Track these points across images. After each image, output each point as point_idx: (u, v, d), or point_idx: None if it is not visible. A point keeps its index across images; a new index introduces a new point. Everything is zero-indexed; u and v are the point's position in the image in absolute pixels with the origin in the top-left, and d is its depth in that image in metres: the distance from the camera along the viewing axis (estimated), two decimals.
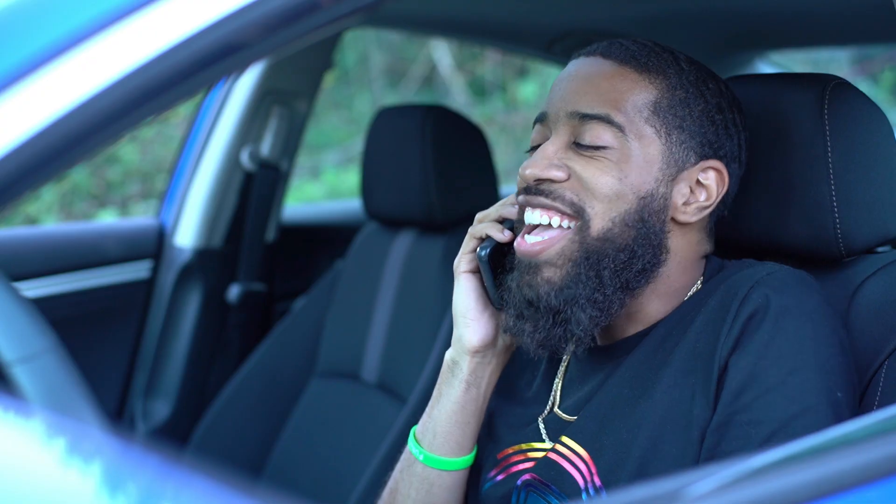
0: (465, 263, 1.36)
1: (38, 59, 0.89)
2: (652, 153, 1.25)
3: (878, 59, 5.87)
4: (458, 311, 1.36)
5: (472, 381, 1.36)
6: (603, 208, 1.23)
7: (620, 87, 1.26)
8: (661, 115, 1.26)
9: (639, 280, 1.26)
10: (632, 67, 1.27)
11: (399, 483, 1.40)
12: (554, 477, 1.28)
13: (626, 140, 1.24)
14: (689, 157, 1.27)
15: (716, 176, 1.28)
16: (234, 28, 0.93)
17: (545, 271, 1.25)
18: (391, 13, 2.51)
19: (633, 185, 1.24)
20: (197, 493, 0.81)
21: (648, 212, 1.24)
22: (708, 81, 1.30)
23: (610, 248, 1.24)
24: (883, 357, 1.27)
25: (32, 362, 0.92)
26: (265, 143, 2.61)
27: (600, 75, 1.27)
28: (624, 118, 1.25)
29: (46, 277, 2.34)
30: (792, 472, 0.91)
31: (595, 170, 1.24)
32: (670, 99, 1.27)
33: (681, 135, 1.27)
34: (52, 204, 5.32)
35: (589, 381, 1.33)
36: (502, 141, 6.40)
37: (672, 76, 1.28)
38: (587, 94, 1.27)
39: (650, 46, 1.30)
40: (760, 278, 1.22)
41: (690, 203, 1.28)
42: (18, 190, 0.89)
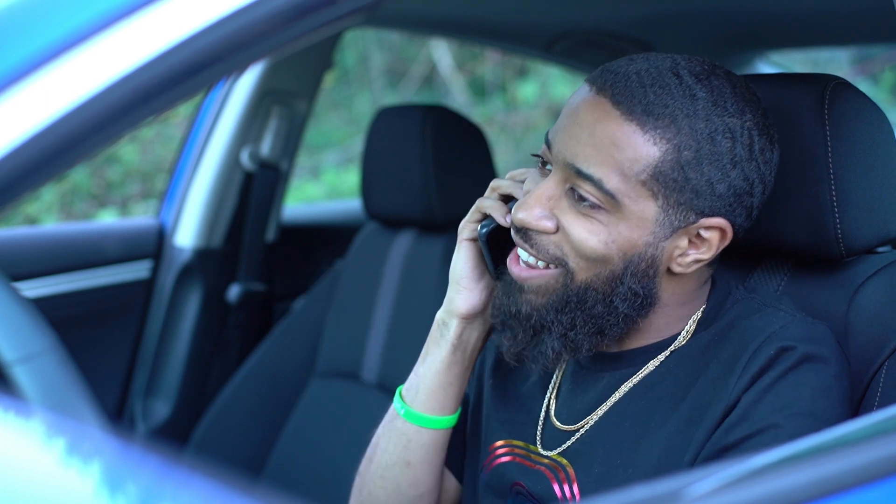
0: (468, 232, 1.36)
1: (38, 59, 0.89)
2: (646, 216, 1.20)
3: (878, 59, 5.87)
4: (454, 276, 1.37)
5: (458, 345, 1.37)
6: (586, 265, 1.22)
7: (620, 145, 1.18)
8: (660, 179, 1.18)
9: (614, 329, 1.25)
10: (637, 123, 1.18)
11: (380, 438, 1.42)
12: (541, 493, 1.31)
13: (617, 203, 1.19)
14: (687, 216, 1.21)
15: (717, 232, 1.23)
16: (234, 28, 0.93)
17: (528, 294, 1.26)
18: (391, 13, 2.51)
19: (620, 248, 1.21)
20: (197, 493, 0.81)
21: (632, 273, 1.22)
22: (727, 129, 1.19)
23: (589, 298, 1.23)
24: (883, 357, 1.27)
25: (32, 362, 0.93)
26: (265, 143, 2.61)
27: (602, 126, 1.19)
28: (618, 182, 1.18)
29: (46, 277, 2.34)
30: (792, 472, 0.91)
31: (582, 230, 1.21)
32: (675, 161, 1.18)
33: (681, 196, 1.19)
34: (52, 204, 5.32)
35: (589, 389, 1.33)
36: (502, 141, 6.40)
37: (683, 133, 1.18)
38: (586, 145, 1.20)
39: (668, 88, 1.19)
40: (773, 332, 1.21)
41: (688, 255, 1.24)
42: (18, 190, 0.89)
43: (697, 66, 1.22)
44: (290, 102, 2.61)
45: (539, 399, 1.38)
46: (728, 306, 1.29)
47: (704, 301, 1.30)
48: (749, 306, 1.28)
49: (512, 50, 3.42)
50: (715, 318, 1.28)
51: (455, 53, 6.71)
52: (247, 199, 2.61)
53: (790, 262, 1.41)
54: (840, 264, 1.36)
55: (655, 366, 1.28)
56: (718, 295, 1.30)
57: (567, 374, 1.37)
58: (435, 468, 1.41)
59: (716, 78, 1.21)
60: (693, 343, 1.28)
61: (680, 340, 1.28)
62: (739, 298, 1.30)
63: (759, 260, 1.43)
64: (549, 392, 1.37)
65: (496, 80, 6.74)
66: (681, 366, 1.27)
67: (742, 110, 1.21)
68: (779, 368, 1.18)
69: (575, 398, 1.34)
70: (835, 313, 1.32)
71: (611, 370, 1.31)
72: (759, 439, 1.16)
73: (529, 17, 2.56)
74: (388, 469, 1.40)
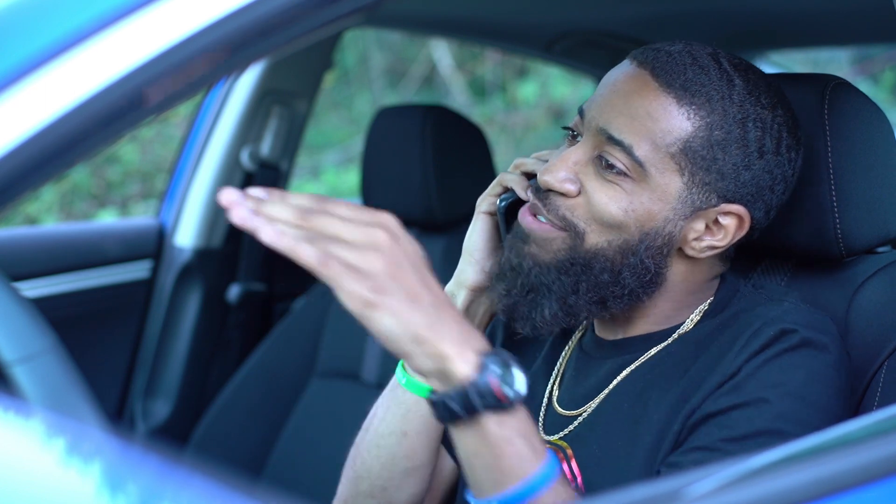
0: (487, 205, 1.37)
1: (37, 59, 0.89)
2: (669, 190, 1.21)
3: (878, 59, 5.86)
4: (468, 248, 1.37)
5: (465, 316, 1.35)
6: (601, 230, 1.22)
7: (655, 116, 1.20)
8: (689, 154, 1.20)
9: (618, 302, 1.25)
10: (674, 96, 1.20)
11: (379, 407, 1.40)
12: None
13: (644, 172, 1.20)
14: (709, 198, 1.22)
15: (736, 220, 1.24)
16: (233, 28, 0.93)
17: (533, 246, 1.26)
18: (391, 13, 2.51)
19: (639, 218, 1.21)
20: (197, 493, 0.81)
21: (647, 246, 1.23)
22: (758, 119, 1.22)
23: (597, 264, 1.23)
24: (883, 357, 1.27)
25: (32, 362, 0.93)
26: (265, 143, 2.60)
27: (640, 96, 1.22)
28: (648, 151, 1.20)
29: (46, 277, 2.34)
30: (792, 472, 0.91)
31: (605, 195, 1.22)
32: (705, 139, 1.20)
33: (706, 176, 1.21)
34: (52, 204, 5.32)
35: (591, 375, 1.33)
36: (502, 141, 6.40)
37: (716, 112, 1.20)
38: (620, 114, 1.22)
39: (707, 70, 1.22)
40: (776, 315, 1.22)
41: (703, 240, 1.25)
42: (18, 190, 0.89)
43: (736, 59, 1.25)
44: (290, 102, 2.61)
45: (542, 385, 1.38)
46: (735, 301, 1.29)
47: (712, 294, 1.30)
48: (755, 299, 1.29)
49: (512, 50, 3.42)
50: (721, 311, 1.29)
51: (455, 53, 6.71)
52: None
53: (790, 261, 1.41)
54: (840, 264, 1.36)
55: (657, 350, 1.29)
56: (727, 290, 1.31)
57: (570, 361, 1.37)
58: (432, 441, 1.38)
59: (752, 72, 1.25)
60: (696, 330, 1.28)
61: (683, 329, 1.29)
62: (746, 294, 1.30)
63: (760, 260, 1.43)
64: (553, 378, 1.37)
65: (496, 80, 6.74)
66: (683, 350, 1.27)
67: (775, 105, 1.24)
68: (777, 347, 1.19)
69: (577, 384, 1.34)
70: (835, 313, 1.32)
71: (614, 356, 1.31)
72: (745, 411, 1.16)
73: (529, 17, 2.56)
74: (384, 438, 1.38)
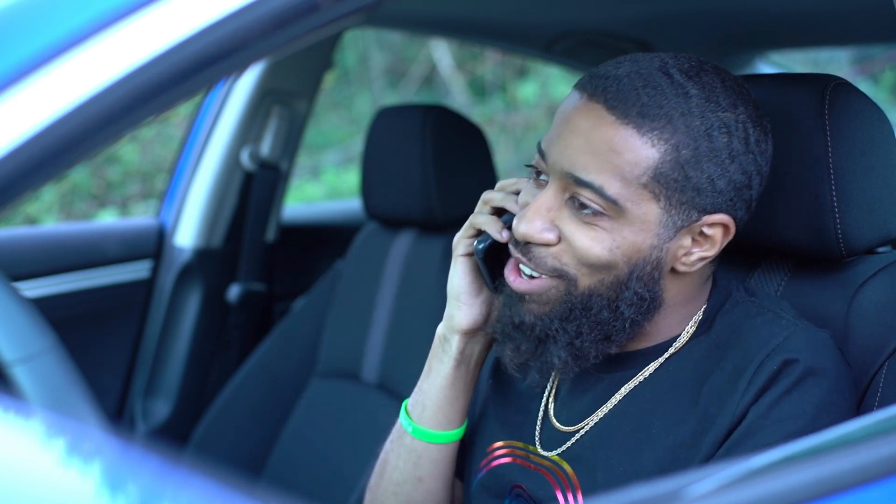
0: (463, 247, 1.35)
1: (38, 59, 0.89)
2: (649, 218, 1.19)
3: (878, 59, 5.86)
4: (452, 293, 1.36)
5: (461, 360, 1.36)
6: (590, 272, 1.21)
7: (618, 150, 1.17)
8: (661, 180, 1.18)
9: (621, 335, 1.25)
10: (634, 127, 1.17)
11: (389, 454, 1.41)
12: (542, 497, 1.30)
13: (620, 209, 1.18)
14: (690, 215, 1.20)
15: (721, 229, 1.23)
16: (234, 28, 0.93)
17: (529, 304, 1.25)
18: (391, 13, 2.51)
19: (624, 253, 1.20)
20: (197, 493, 0.81)
21: (638, 276, 1.21)
22: (722, 124, 1.19)
23: (594, 304, 1.22)
24: (883, 357, 1.27)
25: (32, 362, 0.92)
26: (265, 143, 2.61)
27: (599, 133, 1.18)
28: (619, 187, 1.17)
29: (46, 277, 2.34)
30: (792, 472, 0.91)
31: (585, 238, 1.20)
32: (674, 161, 1.18)
33: (682, 196, 1.19)
34: (52, 204, 5.32)
35: (588, 391, 1.32)
36: (502, 141, 6.40)
37: (679, 132, 1.18)
38: (583, 153, 1.19)
39: (660, 89, 1.18)
40: (779, 343, 1.21)
41: (692, 254, 1.24)
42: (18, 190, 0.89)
43: (686, 64, 1.21)
44: (290, 102, 2.61)
45: (538, 399, 1.38)
46: (728, 308, 1.29)
47: (705, 300, 1.30)
48: (749, 310, 1.28)
49: (512, 50, 3.42)
50: (714, 319, 1.28)
51: (455, 53, 6.71)
52: (247, 199, 2.61)
53: (790, 262, 1.41)
54: (840, 264, 1.36)
55: (655, 368, 1.28)
56: (719, 295, 1.30)
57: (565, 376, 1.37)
58: (446, 480, 1.40)
59: (705, 74, 1.21)
60: (693, 346, 1.28)
61: (679, 342, 1.28)
62: (740, 301, 1.29)
63: (760, 260, 1.42)
64: (548, 393, 1.37)
65: (496, 80, 6.74)
66: (682, 370, 1.27)
67: (735, 104, 1.21)
68: (783, 384, 1.18)
69: (574, 399, 1.33)
70: (835, 314, 1.32)
71: (611, 372, 1.31)
72: None
73: (529, 17, 2.56)
74: (400, 486, 1.39)
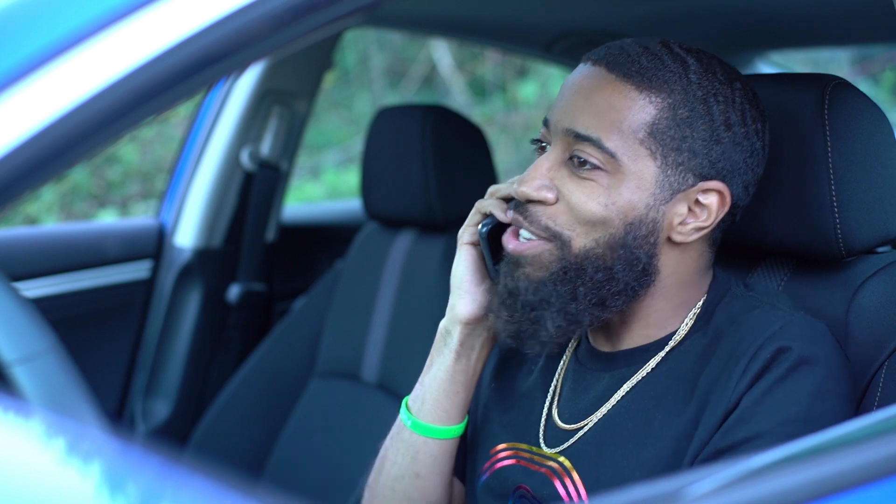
0: (468, 235, 1.37)
1: (38, 59, 0.89)
2: (645, 176, 1.22)
3: (878, 59, 5.86)
4: (455, 282, 1.36)
5: (462, 352, 1.36)
6: (586, 230, 1.23)
7: (617, 106, 1.22)
8: (658, 136, 1.22)
9: (617, 300, 1.25)
10: (633, 84, 1.22)
11: (388, 450, 1.41)
12: (546, 497, 1.30)
13: (617, 163, 1.21)
14: (686, 178, 1.23)
15: (717, 197, 1.25)
16: (233, 28, 0.93)
17: (526, 267, 1.26)
18: (391, 13, 2.51)
19: (620, 210, 1.22)
20: (197, 493, 0.81)
21: (634, 236, 1.23)
22: (719, 94, 1.24)
23: (589, 266, 1.24)
24: (883, 357, 1.27)
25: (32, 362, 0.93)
26: (265, 143, 2.61)
27: (599, 91, 1.24)
28: (617, 141, 1.21)
29: (46, 277, 2.34)
30: (792, 472, 0.91)
31: (582, 194, 1.22)
32: (670, 119, 1.22)
33: (678, 156, 1.23)
34: (52, 204, 5.32)
35: (590, 389, 1.32)
36: (502, 141, 6.40)
37: (676, 93, 1.23)
38: (584, 111, 1.23)
39: (660, 56, 1.24)
40: (774, 332, 1.21)
41: (687, 223, 1.25)
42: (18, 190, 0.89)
43: (687, 45, 1.28)
44: (290, 102, 2.61)
45: (541, 400, 1.38)
46: (727, 301, 1.29)
47: (704, 292, 1.30)
48: (747, 303, 1.28)
49: (512, 50, 3.42)
50: (713, 313, 1.29)
51: (455, 53, 6.71)
52: (247, 199, 2.61)
53: (790, 261, 1.41)
54: (840, 264, 1.36)
55: (656, 363, 1.28)
56: (718, 289, 1.31)
57: (568, 374, 1.37)
58: (444, 477, 1.40)
59: (704, 54, 1.27)
60: (691, 340, 1.28)
61: (679, 335, 1.29)
62: (738, 294, 1.30)
63: (760, 260, 1.43)
64: (551, 392, 1.37)
65: (496, 80, 6.74)
66: (681, 364, 1.27)
67: (732, 80, 1.27)
68: (777, 371, 1.19)
69: (577, 397, 1.33)
70: (835, 313, 1.32)
71: (612, 370, 1.31)
72: (756, 443, 1.17)
73: (529, 17, 2.56)
74: (398, 481, 1.39)
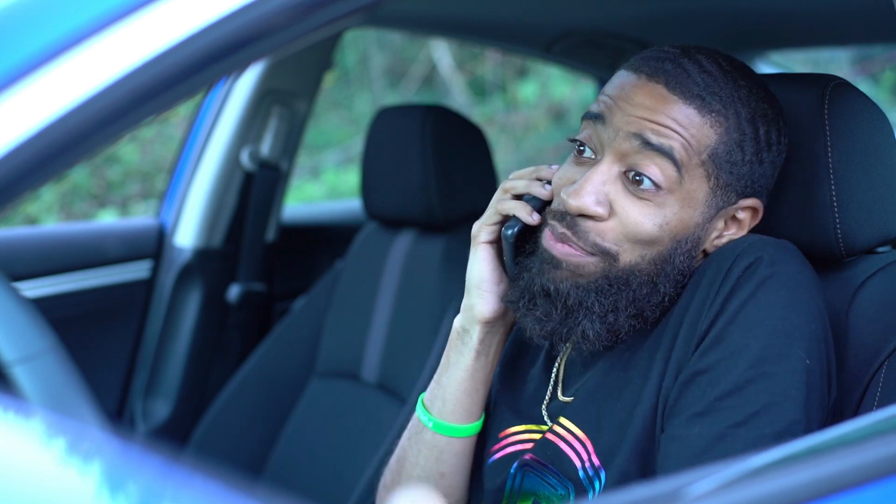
0: (486, 234, 1.35)
1: (38, 59, 0.89)
2: (697, 196, 1.24)
3: (878, 59, 5.86)
4: (473, 281, 1.35)
5: (481, 350, 1.36)
6: (634, 247, 1.23)
7: (684, 124, 1.22)
8: (716, 160, 1.23)
9: (654, 311, 1.26)
10: (695, 106, 1.23)
11: (407, 451, 1.40)
12: (551, 457, 1.29)
13: (679, 182, 1.22)
14: (730, 197, 1.26)
15: (751, 213, 1.29)
16: (233, 28, 0.93)
17: (565, 271, 1.25)
18: (391, 13, 2.51)
19: (672, 230, 1.23)
20: (197, 493, 0.81)
21: (680, 252, 1.25)
22: (760, 116, 1.26)
23: (634, 280, 1.24)
24: (883, 357, 1.27)
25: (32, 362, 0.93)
26: (265, 143, 2.61)
27: (666, 109, 1.23)
28: (685, 157, 1.22)
29: (46, 277, 2.34)
30: (792, 472, 0.91)
31: (638, 214, 1.22)
32: (727, 144, 1.24)
33: (729, 178, 1.25)
34: (52, 204, 5.32)
35: (591, 365, 1.33)
36: (502, 141, 6.40)
37: (731, 117, 1.24)
38: (650, 123, 1.22)
39: (715, 75, 1.24)
40: (742, 250, 1.22)
41: (723, 237, 1.28)
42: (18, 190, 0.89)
43: (729, 57, 1.29)
44: (290, 102, 2.61)
45: (546, 382, 1.38)
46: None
47: None
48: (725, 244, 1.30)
49: (512, 50, 3.42)
50: None
51: (455, 53, 6.71)
52: (247, 199, 2.62)
53: None
54: (840, 264, 1.36)
55: None
56: None
57: (572, 358, 1.37)
58: (467, 473, 1.40)
59: (746, 69, 1.29)
60: None
61: None
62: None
63: None
64: (554, 374, 1.37)
65: (496, 80, 6.74)
66: None
67: (770, 97, 1.29)
68: (747, 287, 1.19)
69: (579, 376, 1.34)
70: (835, 313, 1.32)
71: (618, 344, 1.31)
72: (731, 362, 1.17)
73: (529, 17, 2.56)
74: (423, 482, 1.38)
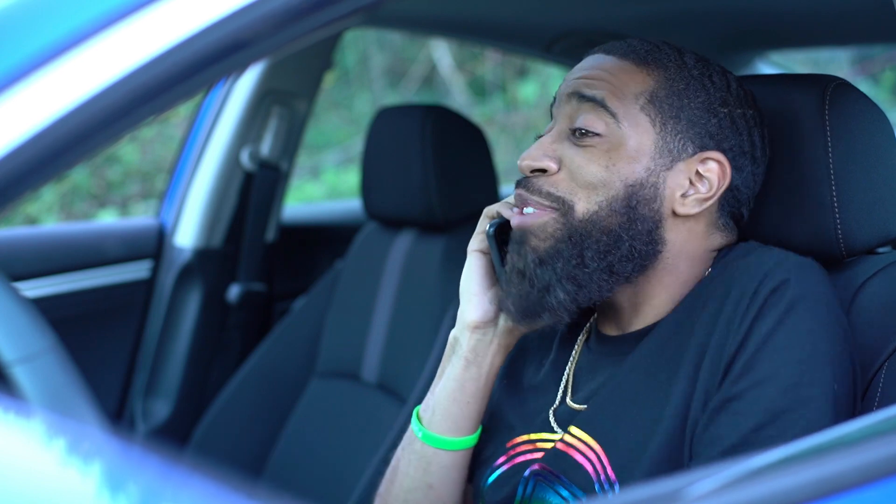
0: (477, 242, 1.38)
1: (38, 59, 0.89)
2: (644, 142, 1.27)
3: (878, 59, 5.87)
4: (463, 288, 1.38)
5: (471, 359, 1.36)
6: (587, 194, 1.27)
7: (619, 76, 1.30)
8: (657, 104, 1.28)
9: (625, 266, 1.27)
10: (631, 60, 1.31)
11: (400, 460, 1.41)
12: (564, 468, 1.28)
13: (618, 127, 1.27)
14: (685, 147, 1.28)
15: (717, 168, 1.29)
16: (234, 28, 0.93)
17: (531, 241, 1.28)
18: (391, 13, 2.51)
19: (620, 173, 1.26)
20: (197, 493, 0.81)
21: (637, 199, 1.26)
22: (714, 77, 1.31)
23: (594, 229, 1.26)
24: (883, 358, 1.27)
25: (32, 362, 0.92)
26: (265, 143, 2.61)
27: (602, 66, 1.32)
28: (619, 104, 1.28)
29: (46, 277, 2.34)
30: (792, 472, 0.91)
31: (583, 159, 1.27)
32: (668, 89, 1.29)
33: (677, 125, 1.28)
34: (52, 204, 5.32)
35: (600, 372, 1.33)
36: (502, 141, 6.40)
37: (672, 69, 1.30)
38: (588, 80, 1.31)
39: (655, 44, 1.33)
40: (769, 270, 1.22)
41: (689, 195, 1.29)
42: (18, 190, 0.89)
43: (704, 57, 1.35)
44: (290, 102, 2.61)
45: (553, 391, 1.37)
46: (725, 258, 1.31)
47: (710, 266, 1.32)
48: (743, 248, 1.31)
49: (512, 50, 3.42)
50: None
51: (455, 53, 6.71)
52: (247, 199, 2.61)
53: None
54: (840, 265, 1.36)
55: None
56: (718, 258, 1.32)
57: (580, 363, 1.37)
58: (458, 487, 1.39)
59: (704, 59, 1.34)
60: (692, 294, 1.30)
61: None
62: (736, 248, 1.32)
63: None
64: (563, 381, 1.37)
65: (496, 80, 6.74)
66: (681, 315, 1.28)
67: (727, 78, 1.33)
68: (775, 312, 1.19)
69: (588, 383, 1.34)
70: None
71: (621, 353, 1.31)
72: (763, 390, 1.17)
73: (529, 17, 2.56)
74: (411, 493, 1.38)
